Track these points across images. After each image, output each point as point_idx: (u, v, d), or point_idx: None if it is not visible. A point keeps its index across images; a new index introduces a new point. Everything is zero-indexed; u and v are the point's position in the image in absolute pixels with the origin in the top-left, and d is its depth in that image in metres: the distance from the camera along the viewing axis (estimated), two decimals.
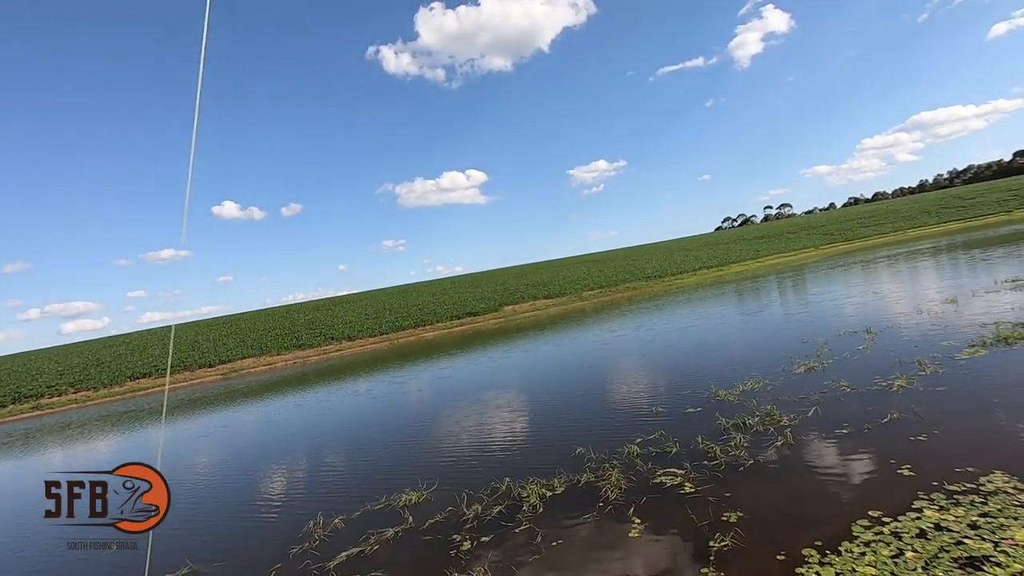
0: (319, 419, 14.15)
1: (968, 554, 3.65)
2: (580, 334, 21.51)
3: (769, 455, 6.00)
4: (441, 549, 5.29)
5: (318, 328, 39.21)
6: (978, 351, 8.40)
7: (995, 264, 18.99)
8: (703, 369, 10.87)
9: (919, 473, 4.90)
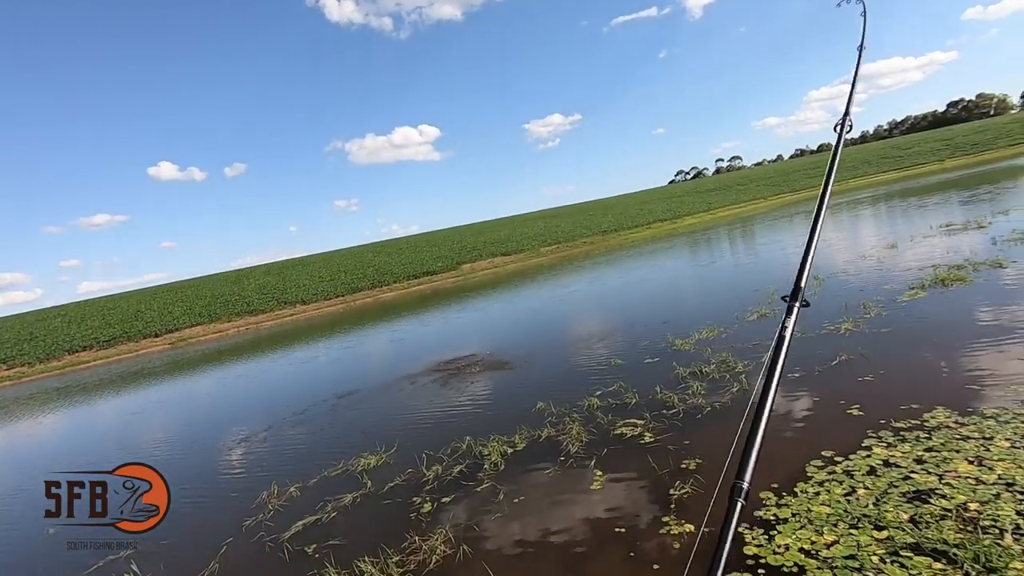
0: (272, 386, 13.73)
1: (915, 488, 3.76)
2: (538, 290, 21.51)
3: (726, 401, 6.09)
4: (401, 512, 5.17)
5: (270, 293, 37.94)
6: (918, 293, 8.74)
7: (930, 211, 19.87)
8: (660, 320, 10.99)
9: (867, 412, 5.04)
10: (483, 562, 4.03)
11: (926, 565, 3.05)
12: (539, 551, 4.15)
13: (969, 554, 3.00)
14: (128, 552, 5.49)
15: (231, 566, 4.91)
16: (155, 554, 5.42)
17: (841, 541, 3.40)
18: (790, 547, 3.45)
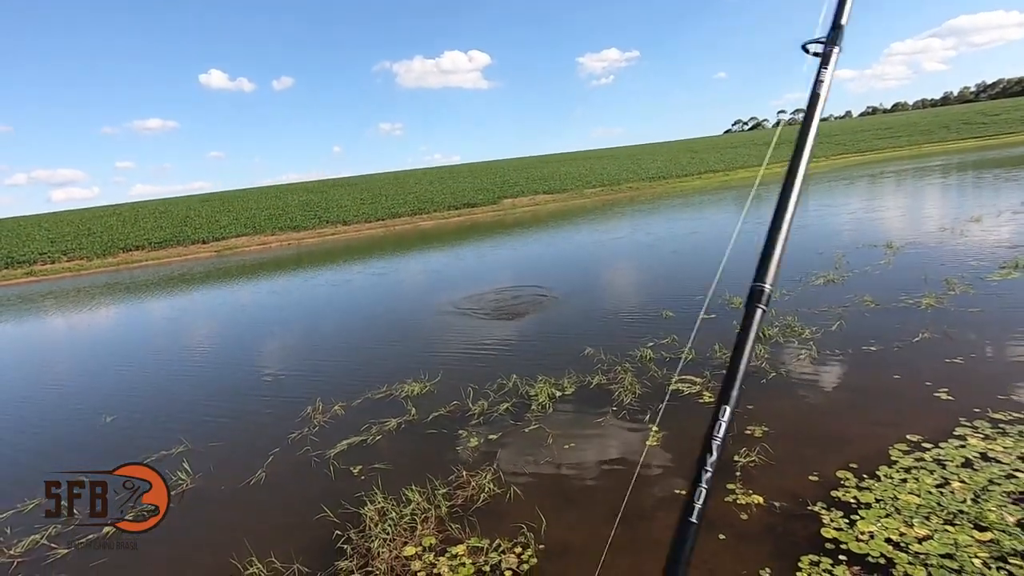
0: (317, 302, 13.90)
1: (1021, 488, 3.40)
2: (581, 232, 20.94)
3: (793, 368, 5.72)
4: (447, 444, 5.10)
5: (312, 210, 38.26)
6: (1010, 273, 7.98)
7: (1019, 184, 18.20)
8: (713, 274, 10.43)
9: (958, 398, 4.61)
10: (535, 506, 3.90)
11: None
12: (592, 502, 4.00)
13: None
14: (180, 449, 5.63)
15: (278, 476, 4.95)
16: (205, 454, 5.54)
17: (935, 537, 3.10)
18: (875, 536, 3.18)
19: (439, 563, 3.47)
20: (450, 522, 3.86)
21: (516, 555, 3.47)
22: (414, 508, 3.99)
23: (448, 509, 4.02)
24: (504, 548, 3.54)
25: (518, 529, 3.69)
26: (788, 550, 3.19)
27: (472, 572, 3.36)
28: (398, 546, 3.65)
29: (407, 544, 3.67)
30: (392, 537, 3.73)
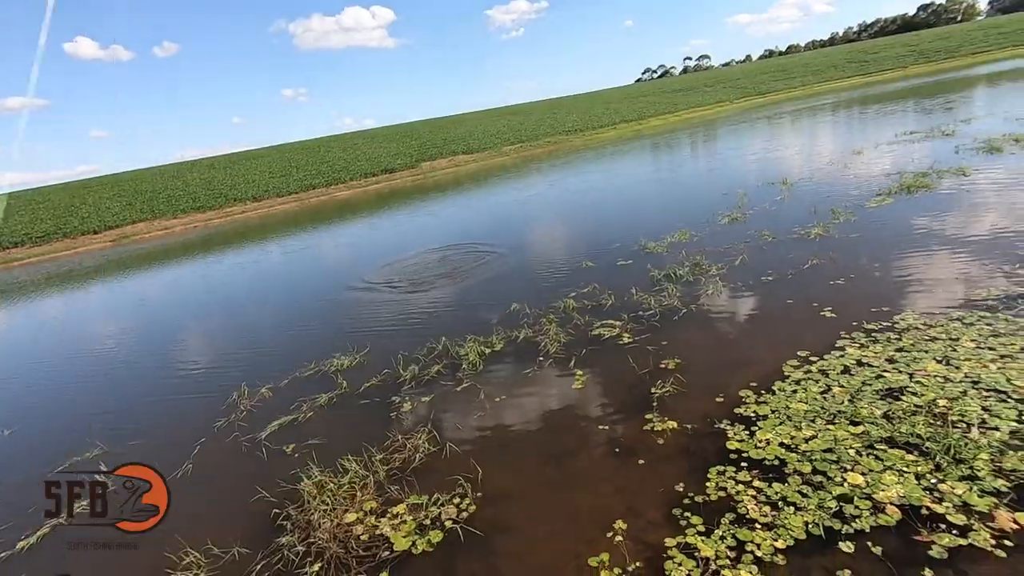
0: (231, 286, 13.21)
1: (888, 386, 3.92)
2: (502, 191, 20.95)
3: (702, 304, 6.16)
4: (381, 412, 5.14)
5: (217, 188, 35.75)
6: (885, 200, 8.86)
7: (894, 118, 19.91)
8: (630, 223, 10.90)
9: (840, 315, 5.17)
10: (471, 459, 4.06)
11: (899, 457, 3.22)
12: (524, 448, 4.21)
13: (940, 447, 3.17)
14: (95, 453, 5.33)
15: (207, 465, 4.83)
16: (124, 455, 5.28)
17: (819, 436, 3.55)
18: (771, 442, 3.59)
19: (381, 524, 3.57)
20: (389, 485, 3.96)
21: (455, 505, 3.63)
22: (352, 477, 4.05)
23: (386, 473, 4.10)
24: (443, 501, 3.69)
25: (455, 482, 3.85)
26: (699, 465, 3.54)
27: (414, 527, 3.49)
28: (339, 515, 3.71)
29: (348, 511, 3.74)
30: (332, 507, 3.78)
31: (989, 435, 3.24)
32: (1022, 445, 3.12)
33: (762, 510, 3.05)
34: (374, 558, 3.31)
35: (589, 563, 2.95)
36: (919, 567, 2.56)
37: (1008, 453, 3.08)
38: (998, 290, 5.03)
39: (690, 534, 2.99)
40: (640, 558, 2.92)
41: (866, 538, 2.76)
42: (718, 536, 2.93)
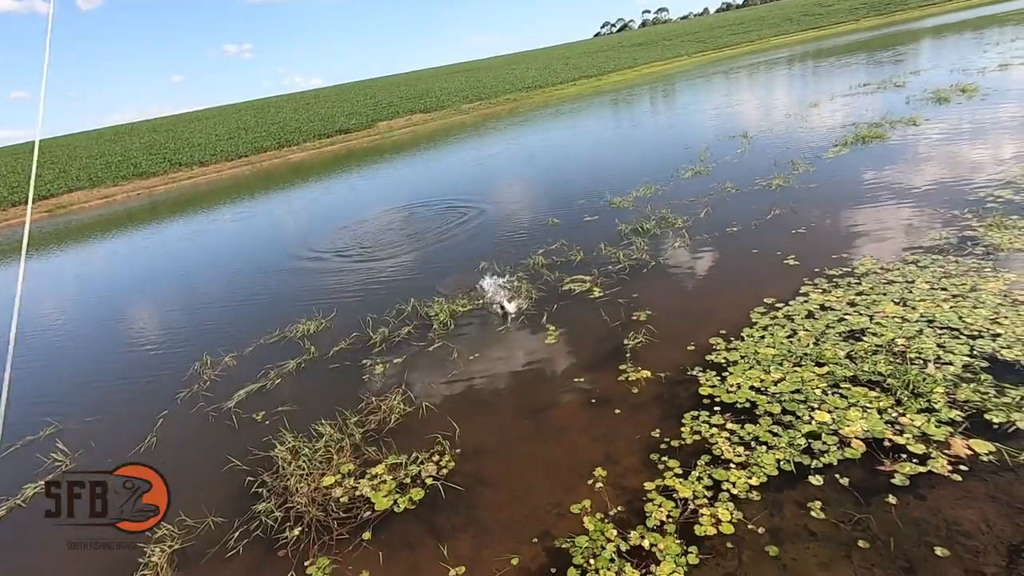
0: (183, 256, 12.63)
1: (850, 328, 4.06)
2: (462, 149, 20.51)
3: (670, 256, 6.21)
4: (352, 375, 5.05)
5: (160, 152, 33.79)
6: (841, 150, 9.05)
7: (848, 70, 20.22)
8: (594, 179, 10.85)
9: (802, 262, 5.30)
10: (447, 417, 4.05)
11: (863, 394, 3.36)
12: (501, 404, 4.22)
13: (900, 383, 3.32)
14: (49, 431, 5.09)
15: (173, 437, 4.67)
16: (82, 431, 5.05)
17: (787, 378, 3.66)
18: (741, 386, 3.69)
19: (360, 485, 3.54)
20: (366, 447, 3.91)
21: (434, 463, 3.62)
22: (327, 441, 3.98)
23: (362, 435, 4.05)
24: (422, 459, 3.68)
25: (433, 440, 3.83)
26: (673, 411, 3.62)
27: (394, 487, 3.47)
28: (316, 478, 3.66)
29: (325, 475, 3.69)
30: (308, 472, 3.72)
31: (944, 370, 3.40)
32: (974, 378, 3.29)
33: (736, 451, 3.15)
34: (355, 519, 3.28)
35: (571, 510, 3.00)
36: (883, 494, 2.69)
37: (961, 386, 3.24)
38: (948, 234, 5.23)
39: (668, 477, 3.06)
40: (621, 502, 2.99)
41: (834, 471, 2.88)
42: (695, 477, 3.02)
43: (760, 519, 2.71)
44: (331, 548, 3.10)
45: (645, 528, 2.78)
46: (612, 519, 2.89)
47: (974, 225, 5.27)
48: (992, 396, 3.11)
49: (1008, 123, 8.71)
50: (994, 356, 3.43)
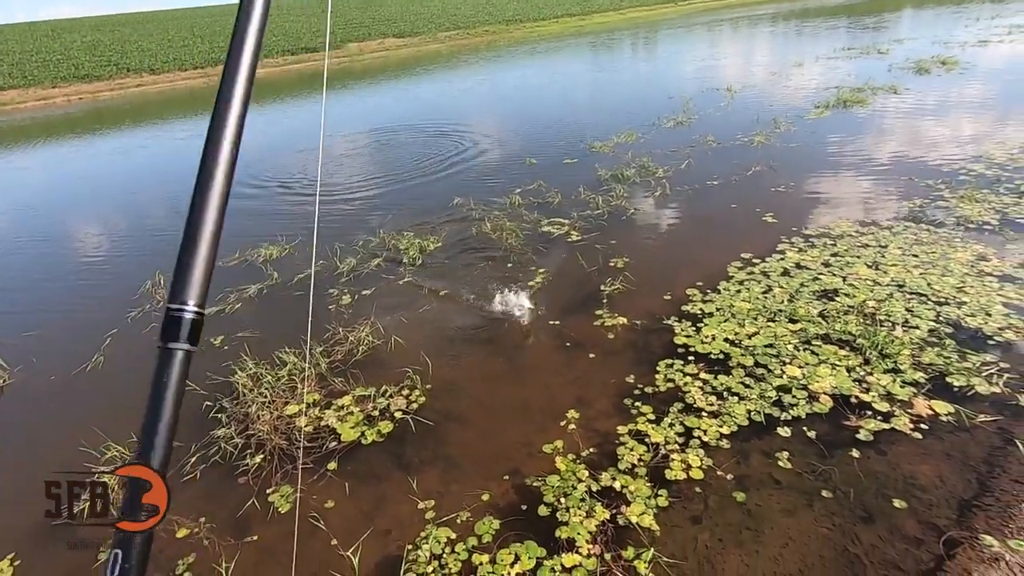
0: (135, 171, 11.78)
1: (823, 287, 4.11)
2: (437, 81, 19.58)
3: (649, 205, 6.12)
4: (318, 304, 4.85)
5: (105, 55, 31.00)
6: (823, 112, 9.01)
7: (834, 33, 20.02)
8: (575, 122, 10.54)
9: (780, 220, 5.30)
10: (419, 352, 3.94)
11: (833, 352, 3.42)
12: (474, 342, 4.13)
13: (868, 343, 3.39)
14: None
15: (121, 357, 4.42)
16: (18, 347, 4.72)
17: (761, 332, 3.69)
18: (716, 337, 3.70)
19: (326, 416, 3.44)
20: (332, 377, 3.79)
21: (404, 397, 3.54)
22: (291, 369, 3.83)
23: (328, 365, 3.92)
24: (391, 393, 3.59)
25: (404, 374, 3.74)
26: (648, 358, 3.62)
27: (361, 419, 3.39)
28: (279, 407, 3.53)
29: (288, 404, 3.56)
30: (271, 399, 3.58)
31: (911, 333, 3.49)
32: (938, 342, 3.39)
33: (708, 400, 3.18)
34: (321, 449, 3.20)
35: (543, 450, 2.99)
36: (847, 448, 2.77)
37: (926, 349, 3.34)
38: (922, 202, 5.31)
39: (640, 422, 3.08)
40: (593, 444, 2.99)
41: (802, 424, 2.95)
42: (667, 423, 3.04)
43: (728, 466, 2.76)
44: (294, 477, 3.01)
45: (616, 470, 2.80)
46: (584, 460, 2.89)
47: (947, 196, 5.36)
48: (955, 361, 3.22)
49: (982, 99, 8.82)
50: (958, 323, 3.54)
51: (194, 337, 0.74)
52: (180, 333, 0.73)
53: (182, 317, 0.73)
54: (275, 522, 2.79)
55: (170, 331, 0.73)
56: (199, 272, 0.75)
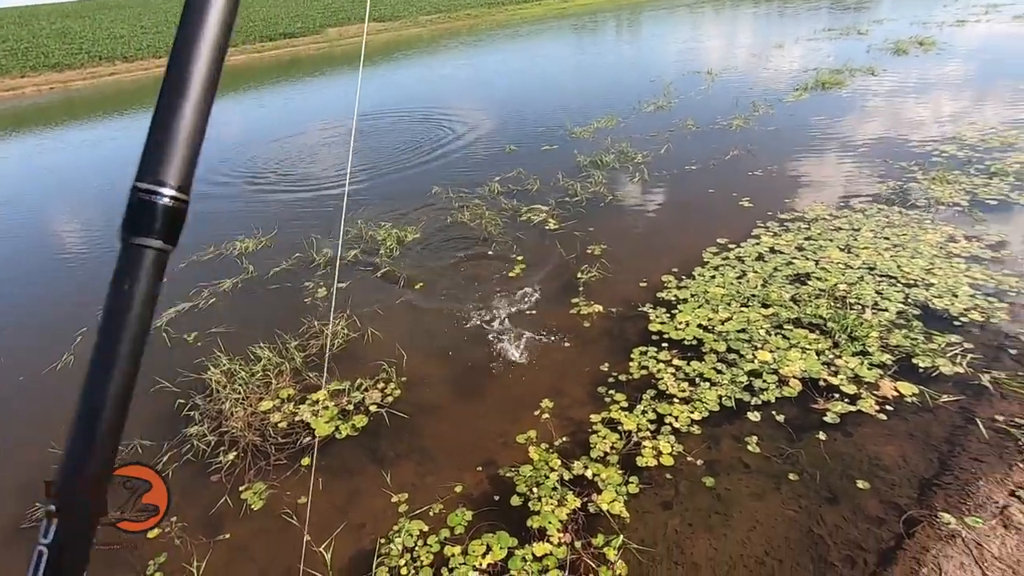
0: (112, 161, 11.53)
1: (796, 272, 4.15)
2: (417, 66, 19.31)
3: (627, 191, 6.12)
4: (294, 298, 4.80)
5: (76, 42, 30.15)
6: (802, 95, 9.02)
7: (814, 13, 20.01)
8: (555, 107, 10.45)
9: (756, 205, 5.32)
10: (395, 344, 3.93)
11: (804, 336, 3.46)
12: (450, 332, 4.12)
13: (838, 326, 3.43)
14: None
15: None
16: None
17: (734, 318, 3.72)
18: (689, 323, 3.73)
19: (300, 411, 3.42)
20: (307, 372, 3.76)
21: (379, 390, 3.53)
22: (265, 364, 3.80)
23: (303, 360, 3.89)
24: (367, 386, 3.58)
25: (379, 367, 3.72)
26: (622, 345, 3.63)
27: (336, 413, 3.38)
28: (253, 403, 3.50)
29: (262, 399, 3.54)
30: (245, 396, 3.55)
31: (880, 315, 3.54)
32: (906, 324, 3.44)
33: (680, 386, 3.21)
34: (295, 444, 3.19)
35: (517, 440, 3.00)
36: (815, 431, 2.82)
37: (894, 331, 3.39)
38: (895, 184, 5.36)
39: (614, 410, 3.10)
40: (566, 433, 3.01)
41: (771, 408, 2.99)
42: (640, 411, 3.07)
43: (699, 452, 2.80)
44: (268, 473, 3.00)
45: (589, 458, 2.83)
46: (557, 449, 2.91)
47: (919, 178, 5.41)
48: (921, 342, 3.27)
49: (958, 79, 8.88)
50: (926, 304, 3.59)
51: (171, 233, 0.56)
52: (152, 224, 0.54)
53: (155, 203, 0.54)
54: (248, 519, 2.78)
55: (138, 220, 0.54)
56: (181, 143, 0.55)
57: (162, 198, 0.54)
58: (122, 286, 0.54)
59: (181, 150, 0.55)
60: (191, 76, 0.55)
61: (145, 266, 0.55)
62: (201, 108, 0.56)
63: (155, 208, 0.54)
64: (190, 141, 0.56)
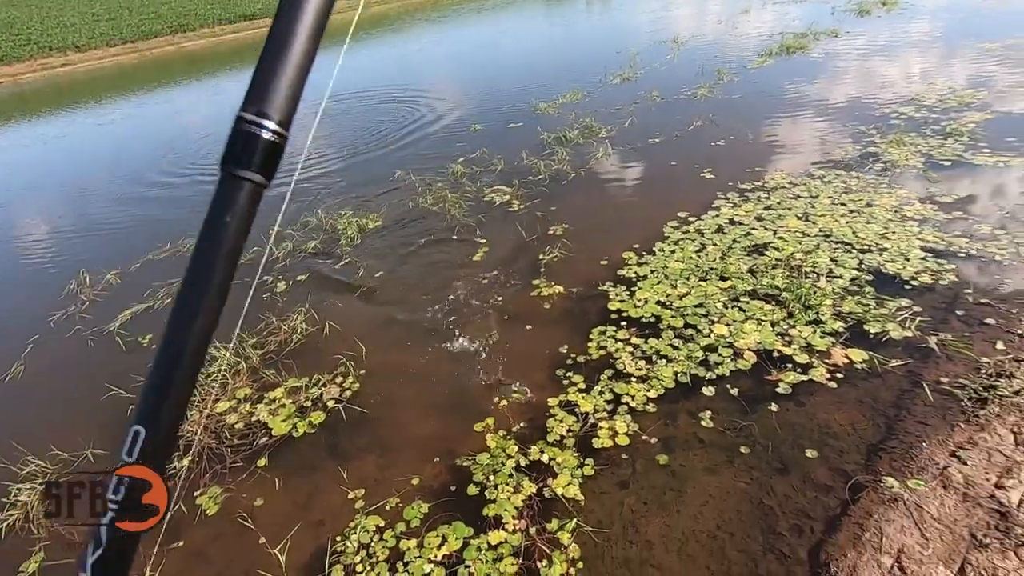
0: (59, 159, 11.11)
1: (755, 242, 4.16)
2: (381, 44, 18.83)
3: (590, 167, 6.05)
4: (250, 293, 4.69)
5: (23, 32, 28.76)
6: (766, 61, 8.97)
7: None
8: (522, 83, 10.27)
9: (718, 176, 5.31)
10: (353, 337, 3.87)
11: (760, 307, 3.48)
12: (410, 322, 4.07)
13: (793, 296, 3.45)
14: None
15: (45, 364, 4.24)
16: None
17: (692, 292, 3.72)
18: (648, 301, 3.72)
19: (257, 410, 3.37)
20: (264, 369, 3.70)
21: (337, 385, 3.49)
22: (221, 364, 3.72)
23: (261, 357, 3.82)
24: (324, 382, 3.53)
25: (337, 361, 3.67)
26: (582, 326, 3.62)
27: (293, 411, 3.33)
28: (208, 405, 3.44)
29: (218, 401, 3.47)
30: (200, 398, 3.49)
31: (833, 283, 3.56)
32: (859, 291, 3.48)
33: (637, 364, 3.21)
34: (251, 445, 3.14)
35: (475, 428, 2.99)
36: (767, 403, 2.84)
37: (847, 298, 3.42)
38: (854, 149, 5.37)
39: (572, 392, 3.10)
40: (524, 419, 3.01)
41: (726, 382, 3.01)
42: (597, 392, 3.07)
43: (654, 430, 2.81)
44: (224, 476, 2.96)
45: (545, 443, 2.83)
46: (514, 436, 2.91)
47: (877, 141, 5.43)
48: (872, 308, 3.30)
49: (919, 40, 8.89)
50: (879, 270, 3.62)
51: (269, 168, 0.55)
52: (253, 157, 0.53)
53: (258, 135, 0.53)
54: (203, 524, 2.74)
55: (240, 152, 0.53)
56: (288, 80, 0.54)
57: (265, 131, 0.53)
58: (221, 217, 0.54)
59: (286, 85, 0.54)
60: (305, 9, 0.55)
61: (243, 198, 0.54)
62: (309, 47, 0.56)
63: (257, 140, 0.53)
64: (296, 78, 0.55)
